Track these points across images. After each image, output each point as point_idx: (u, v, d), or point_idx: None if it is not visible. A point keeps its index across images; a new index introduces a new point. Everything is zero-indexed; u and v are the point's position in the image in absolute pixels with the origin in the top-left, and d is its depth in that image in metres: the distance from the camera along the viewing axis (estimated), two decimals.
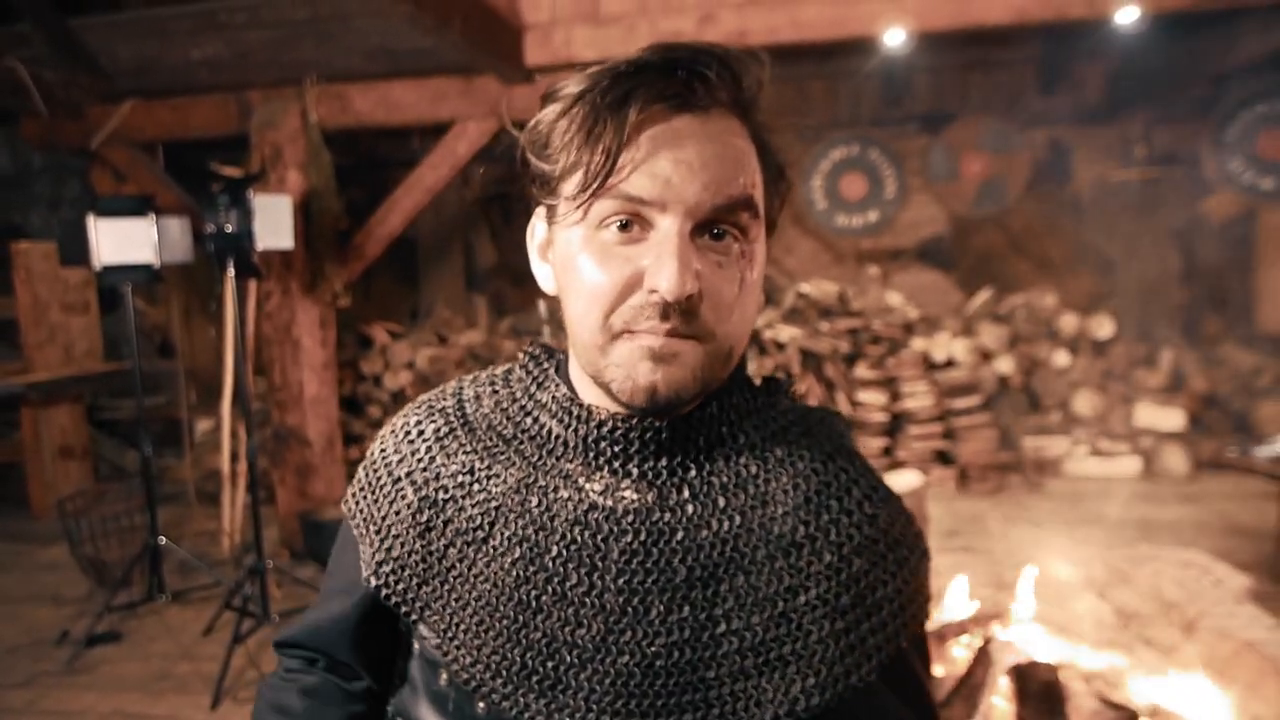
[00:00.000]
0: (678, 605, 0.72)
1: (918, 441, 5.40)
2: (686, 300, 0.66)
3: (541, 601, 0.74)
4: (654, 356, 0.68)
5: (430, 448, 0.82)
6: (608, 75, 0.68)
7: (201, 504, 5.15)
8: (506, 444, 0.80)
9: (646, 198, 0.67)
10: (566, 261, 0.72)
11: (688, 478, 0.75)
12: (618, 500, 0.74)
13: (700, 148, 0.67)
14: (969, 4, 3.69)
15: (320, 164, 4.37)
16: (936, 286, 6.57)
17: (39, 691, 3.18)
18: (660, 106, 0.67)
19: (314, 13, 3.97)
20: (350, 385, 5.53)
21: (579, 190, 0.68)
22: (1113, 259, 6.47)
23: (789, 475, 0.76)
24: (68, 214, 6.62)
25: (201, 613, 3.75)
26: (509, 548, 0.75)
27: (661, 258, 0.67)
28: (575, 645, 0.73)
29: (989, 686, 2.31)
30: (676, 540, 0.73)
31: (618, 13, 3.99)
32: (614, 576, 0.72)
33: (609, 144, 0.66)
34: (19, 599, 4.07)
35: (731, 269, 0.70)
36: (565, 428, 0.77)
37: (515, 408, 0.82)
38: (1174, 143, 6.21)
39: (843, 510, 0.75)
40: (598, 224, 0.69)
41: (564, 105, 0.70)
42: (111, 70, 4.47)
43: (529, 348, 0.85)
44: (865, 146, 6.58)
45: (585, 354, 0.72)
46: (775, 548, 0.73)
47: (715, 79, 0.68)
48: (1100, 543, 3.99)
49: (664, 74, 0.67)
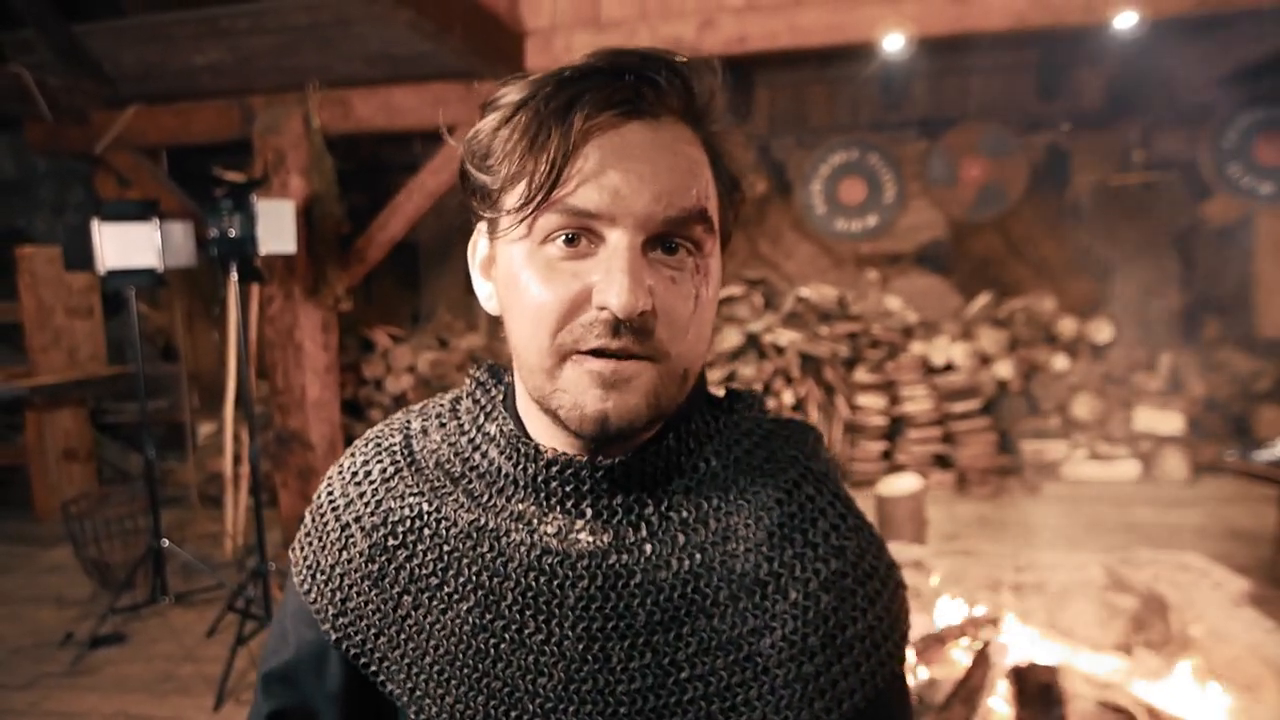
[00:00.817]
0: (639, 651, 0.68)
1: (917, 445, 5.41)
2: (639, 317, 0.62)
3: (500, 650, 0.71)
4: (603, 383, 0.63)
5: (377, 490, 0.77)
6: (552, 81, 0.64)
7: (204, 507, 5.17)
8: (454, 484, 0.76)
9: (595, 210, 0.62)
10: (509, 279, 0.67)
11: (645, 515, 0.70)
12: (571, 544, 0.70)
13: (651, 157, 0.63)
14: (967, 9, 3.71)
15: (322, 169, 4.39)
16: (935, 291, 6.59)
17: (42, 693, 3.19)
18: (608, 114, 0.63)
19: (316, 19, 3.99)
20: (352, 389, 5.55)
21: (522, 203, 0.63)
22: (1111, 263, 6.48)
23: (750, 508, 0.71)
24: (72, 219, 6.65)
25: (204, 615, 3.76)
26: (464, 594, 0.72)
27: (611, 273, 0.62)
28: (537, 694, 0.70)
29: (988, 689, 2.33)
30: (634, 583, 0.69)
31: (618, 18, 4.02)
32: (572, 624, 0.69)
33: (554, 153, 0.62)
34: (23, 601, 4.09)
35: (686, 284, 0.65)
36: (514, 465, 0.72)
37: (464, 441, 0.77)
38: (1172, 147, 6.23)
39: (808, 544, 0.70)
40: (542, 239, 0.64)
41: (505, 113, 0.65)
42: (115, 76, 4.50)
43: (475, 372, 0.80)
44: (864, 151, 6.60)
45: (531, 378, 0.67)
46: (738, 587, 0.68)
47: (665, 85, 0.64)
48: (1099, 546, 4.00)
49: (611, 79, 0.63)
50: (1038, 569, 3.17)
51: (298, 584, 0.81)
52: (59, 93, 4.41)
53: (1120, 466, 5.43)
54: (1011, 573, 3.12)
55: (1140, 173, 6.40)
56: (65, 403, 5.28)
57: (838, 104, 6.69)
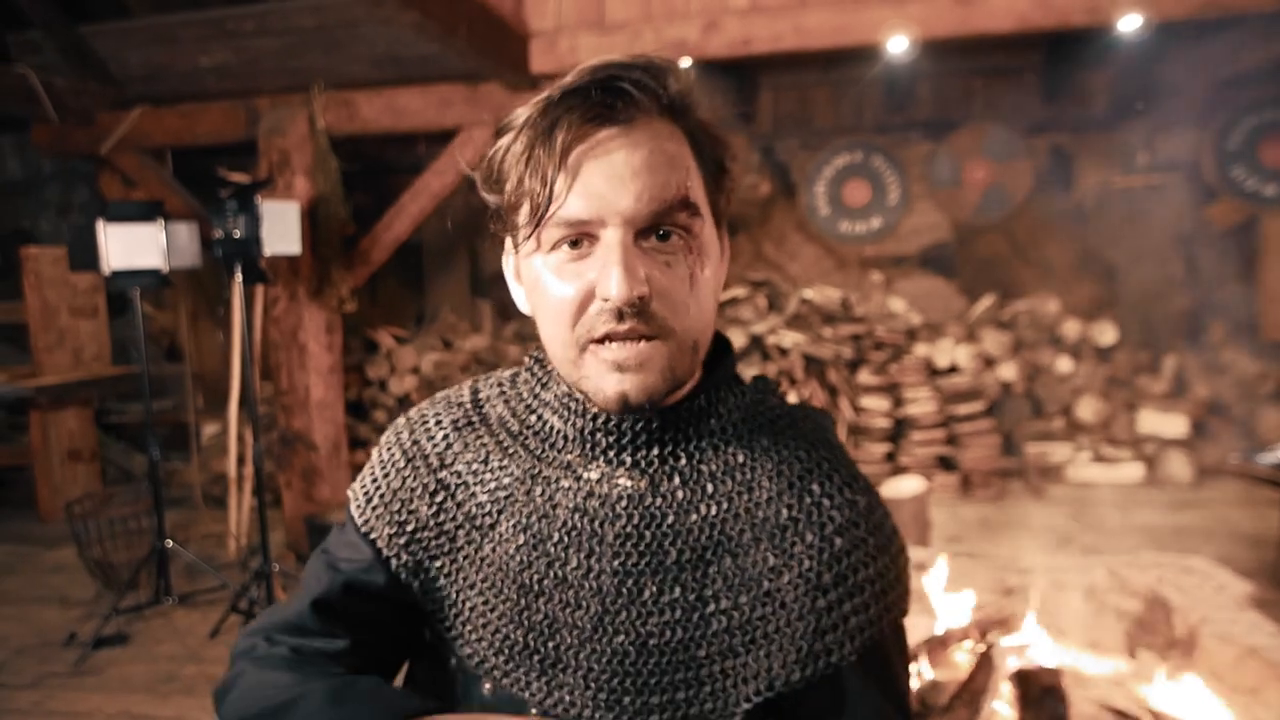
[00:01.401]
0: (669, 586, 0.75)
1: (920, 447, 5.41)
2: (638, 301, 0.70)
3: (543, 585, 0.78)
4: (619, 367, 0.73)
5: (448, 435, 0.86)
6: (540, 107, 0.73)
7: (208, 507, 5.18)
8: (514, 439, 0.85)
9: (585, 217, 0.71)
10: (532, 284, 0.77)
11: (678, 466, 0.79)
12: (613, 487, 0.78)
13: (628, 157, 0.71)
14: (972, 12, 3.71)
15: (327, 170, 4.40)
16: (939, 293, 6.58)
17: (46, 692, 3.20)
18: (586, 126, 0.71)
19: (321, 21, 4.01)
20: (356, 389, 5.56)
21: (526, 222, 0.73)
22: (1115, 266, 6.47)
23: (773, 462, 0.79)
24: (77, 219, 6.66)
25: (208, 615, 3.77)
26: (514, 534, 0.80)
27: (606, 267, 0.71)
28: (574, 626, 0.77)
29: (991, 692, 2.33)
30: (667, 524, 0.76)
31: (622, 20, 4.02)
32: (609, 559, 0.76)
33: (545, 172, 0.71)
34: (27, 601, 4.10)
35: (680, 266, 0.73)
36: (565, 422, 0.81)
37: (522, 407, 0.86)
38: (1176, 150, 6.22)
39: (824, 494, 0.77)
40: (550, 248, 0.73)
41: (508, 140, 0.75)
42: (121, 77, 4.51)
43: (534, 353, 0.89)
44: (868, 153, 6.60)
45: (562, 368, 0.77)
46: (760, 530, 0.76)
47: (634, 91, 0.71)
48: (1103, 549, 4.00)
49: (585, 96, 0.71)
50: (1041, 571, 3.17)
51: (355, 513, 0.87)
52: (65, 94, 4.43)
53: (1124, 469, 5.42)
54: (1015, 575, 3.11)
55: (1144, 175, 6.39)
56: (70, 403, 5.30)
57: (842, 106, 6.69)
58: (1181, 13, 3.62)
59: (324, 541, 0.92)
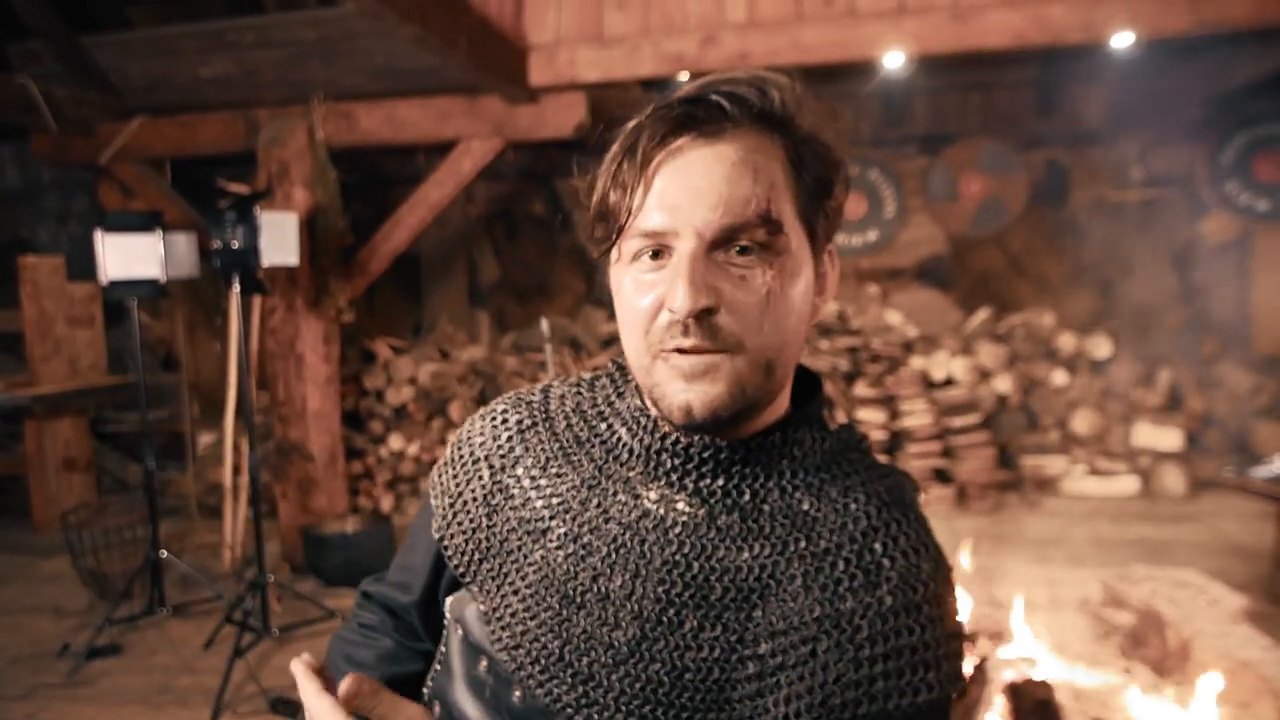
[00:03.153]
0: (710, 623, 0.73)
1: (916, 460, 5.42)
2: (703, 313, 0.70)
3: (585, 598, 0.77)
4: (685, 376, 0.72)
5: (511, 437, 0.87)
6: (633, 123, 0.75)
7: (203, 517, 5.17)
8: (579, 446, 0.84)
9: (660, 229, 0.71)
10: (616, 294, 0.78)
11: (740, 501, 0.76)
12: (669, 511, 0.77)
13: (708, 170, 0.71)
14: (968, 28, 3.74)
15: (326, 181, 4.42)
16: (935, 305, 6.60)
17: (39, 703, 3.19)
18: (669, 139, 0.71)
19: (321, 33, 4.03)
20: (353, 400, 5.56)
21: (608, 234, 0.75)
22: (1110, 279, 6.50)
23: (839, 515, 0.76)
24: (76, 229, 6.67)
25: (202, 626, 3.76)
26: (563, 543, 0.79)
27: (674, 279, 0.70)
28: (611, 646, 0.75)
29: (985, 705, 2.33)
30: (717, 558, 0.74)
31: (621, 34, 4.05)
32: (654, 584, 0.75)
33: (626, 183, 0.72)
34: (20, 611, 4.08)
35: (755, 281, 0.72)
36: (633, 436, 0.81)
37: (594, 412, 0.86)
38: (1171, 165, 6.26)
39: (886, 555, 0.74)
40: (631, 259, 0.74)
41: (608, 155, 0.76)
42: (122, 87, 4.53)
43: (618, 358, 0.88)
44: (865, 167, 6.63)
45: (639, 375, 0.77)
46: (812, 580, 0.73)
47: (724, 101, 0.72)
48: (1097, 562, 4.00)
49: (668, 109, 0.72)
50: (1036, 584, 3.18)
51: (434, 505, 0.90)
52: (65, 104, 4.45)
53: (1119, 482, 5.44)
54: (1009, 588, 3.12)
55: (1139, 189, 6.43)
56: (65, 412, 5.29)
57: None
58: (1174, 29, 3.66)
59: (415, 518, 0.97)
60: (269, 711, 3.05)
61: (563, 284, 7.24)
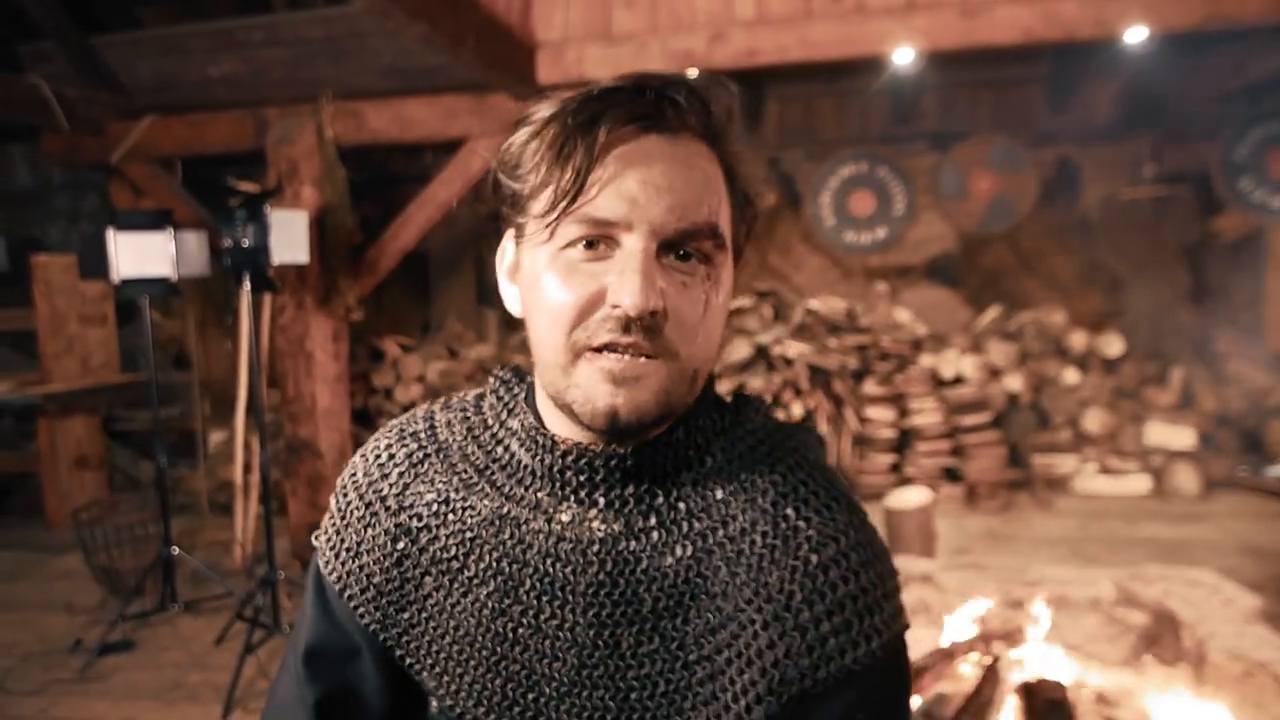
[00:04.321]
0: (647, 637, 0.71)
1: (926, 458, 5.40)
2: (650, 316, 0.66)
3: (518, 634, 0.74)
4: (614, 379, 0.67)
5: (404, 474, 0.81)
6: (579, 99, 0.70)
7: (214, 515, 5.19)
8: (479, 474, 0.79)
9: (612, 218, 0.67)
10: (532, 280, 0.72)
11: (654, 504, 0.74)
12: (583, 530, 0.73)
13: (668, 168, 0.68)
14: (978, 24, 3.72)
15: (335, 179, 4.43)
16: (945, 303, 6.58)
17: (52, 699, 3.21)
18: (630, 127, 0.68)
19: (330, 31, 4.04)
20: (362, 398, 5.57)
21: (547, 209, 0.68)
22: (1122, 277, 6.47)
23: (748, 493, 0.74)
24: (87, 228, 6.71)
25: (213, 623, 3.78)
26: (484, 579, 0.75)
27: (625, 273, 0.66)
28: (553, 678, 0.73)
29: (997, 705, 2.32)
30: (641, 570, 0.72)
31: (629, 31, 4.04)
32: (583, 610, 0.72)
33: (578, 163, 0.67)
34: (33, 607, 4.11)
35: (696, 289, 0.69)
36: (533, 458, 0.76)
37: (487, 435, 0.81)
38: (1183, 161, 6.22)
39: (800, 517, 0.72)
40: (565, 243, 0.69)
41: (536, 127, 0.71)
42: (132, 87, 4.55)
43: (500, 372, 0.84)
44: (874, 164, 6.61)
45: (547, 374, 0.71)
46: (737, 565, 0.71)
47: (684, 103, 0.69)
48: (1109, 562, 3.98)
49: (634, 96, 0.68)
50: (1047, 584, 3.16)
51: (323, 566, 0.84)
52: (76, 103, 4.47)
53: (1131, 481, 5.40)
54: (1021, 588, 3.10)
55: (1151, 186, 6.39)
56: (78, 410, 5.32)
57: (847, 117, 6.71)
58: (1187, 24, 3.63)
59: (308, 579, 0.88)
60: None
61: None
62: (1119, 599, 3.08)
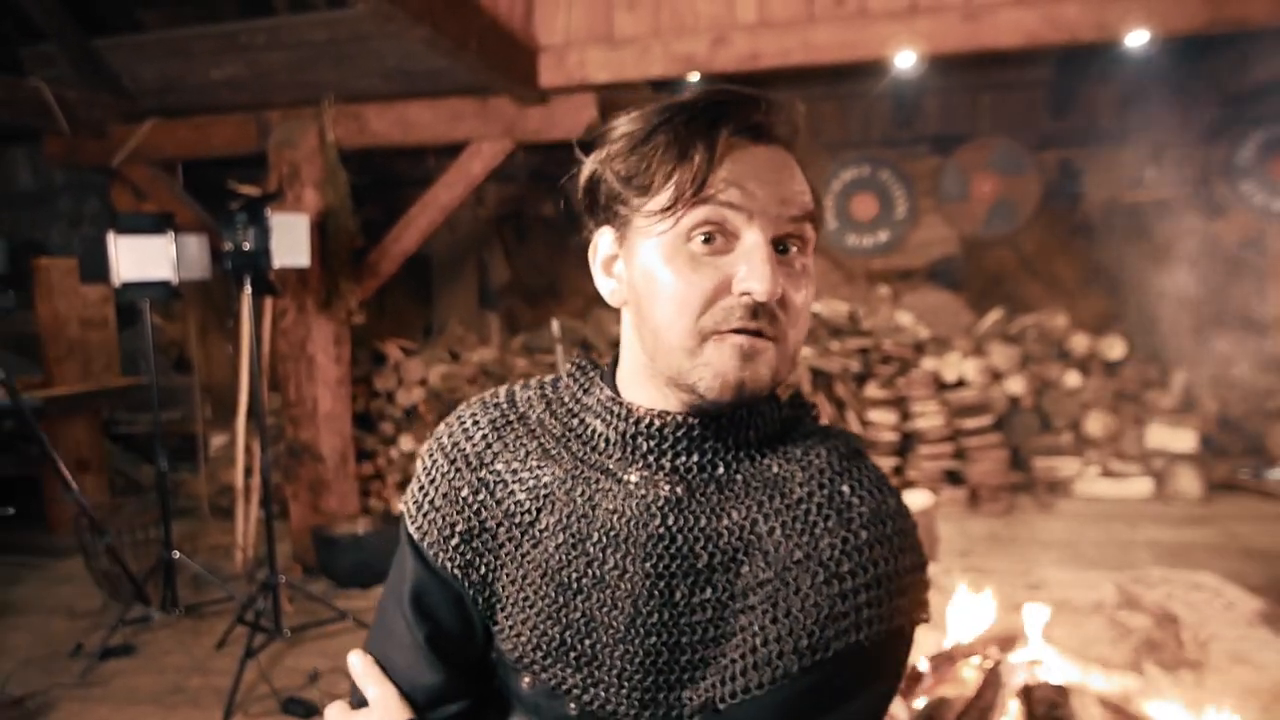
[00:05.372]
0: (700, 588, 0.78)
1: (928, 461, 5.39)
2: (775, 303, 0.74)
3: (581, 584, 0.81)
4: (743, 355, 0.75)
5: (486, 435, 0.89)
6: (689, 105, 0.76)
7: (215, 518, 5.19)
8: (556, 441, 0.87)
9: (736, 203, 0.74)
10: (649, 271, 0.78)
11: (715, 474, 0.81)
12: (651, 491, 0.80)
13: (775, 169, 0.77)
14: (980, 27, 3.72)
15: (337, 183, 4.43)
16: (947, 307, 6.57)
17: (53, 703, 3.20)
18: (741, 135, 0.76)
19: (332, 34, 4.04)
20: (364, 401, 5.57)
21: (672, 202, 0.74)
22: (1124, 280, 6.46)
23: (804, 470, 0.81)
24: (88, 231, 6.71)
25: (214, 627, 3.77)
26: (554, 533, 0.82)
27: (754, 264, 0.74)
28: (609, 625, 0.79)
29: (999, 708, 2.31)
30: (699, 528, 0.78)
31: (631, 35, 4.05)
32: (642, 560, 0.78)
33: (702, 160, 0.74)
34: (34, 611, 4.11)
35: (799, 279, 0.78)
36: (607, 425, 0.83)
37: (563, 410, 0.88)
38: (1186, 164, 6.22)
39: (854, 494, 0.79)
40: (686, 235, 0.75)
41: (644, 128, 0.77)
42: (134, 90, 4.55)
43: (575, 359, 0.92)
44: (876, 167, 6.61)
45: (669, 357, 0.77)
46: (790, 529, 0.77)
47: (780, 116, 0.78)
48: (1111, 565, 3.97)
49: (745, 107, 0.76)
50: (1049, 587, 3.15)
51: (409, 522, 0.90)
52: (77, 106, 4.47)
53: (1133, 484, 5.40)
54: (1023, 590, 3.10)
55: (1153, 189, 6.38)
56: (79, 413, 5.32)
57: (849, 120, 6.71)
58: (1189, 27, 3.62)
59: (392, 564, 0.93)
60: (281, 712, 3.06)
61: (573, 285, 7.24)
62: (1121, 602, 3.07)
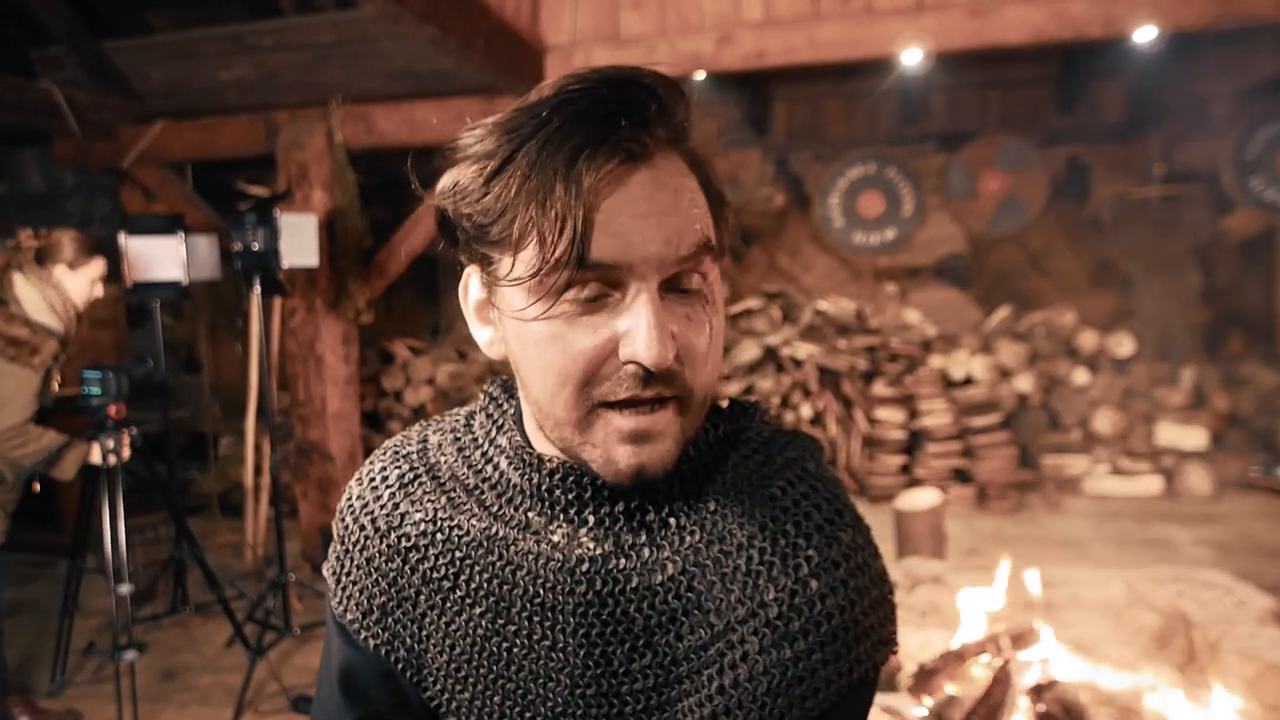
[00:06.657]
0: (639, 653, 0.70)
1: (936, 459, 5.38)
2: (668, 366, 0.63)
3: (512, 654, 0.74)
4: (635, 438, 0.65)
5: (394, 494, 0.80)
6: (541, 128, 0.62)
7: (225, 517, 5.21)
8: (469, 494, 0.78)
9: (610, 262, 0.61)
10: (522, 333, 0.66)
11: (645, 520, 0.71)
12: (573, 549, 0.71)
13: (656, 201, 0.62)
14: (986, 23, 3.71)
15: (344, 183, 4.44)
16: (954, 304, 6.56)
17: (65, 701, 3.23)
18: (610, 160, 0.61)
19: (340, 36, 4.05)
20: (372, 400, 5.59)
21: (536, 269, 0.61)
22: (1132, 277, 6.44)
23: (745, 506, 0.71)
24: (98, 232, 6.74)
25: (224, 625, 3.78)
26: (476, 599, 0.75)
27: (638, 326, 0.62)
28: (548, 698, 0.73)
29: (1008, 707, 2.31)
30: (630, 587, 0.70)
31: (637, 34, 4.05)
32: (573, 630, 0.71)
33: (565, 210, 0.60)
34: (46, 610, 4.13)
35: (699, 319, 0.65)
36: (520, 476, 0.74)
37: (477, 454, 0.79)
38: (1193, 160, 6.19)
39: (800, 534, 0.69)
40: (558, 293, 0.62)
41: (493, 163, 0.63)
42: (143, 91, 4.58)
43: (489, 388, 0.82)
44: (883, 165, 6.60)
45: (556, 431, 0.68)
46: (731, 580, 0.69)
47: (654, 121, 0.63)
48: (1121, 563, 3.96)
49: (606, 124, 0.61)
50: (1059, 585, 3.15)
51: (330, 595, 0.84)
52: (87, 108, 4.50)
53: (1142, 482, 5.38)
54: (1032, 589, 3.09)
55: (1161, 186, 6.36)
56: None
57: (856, 118, 6.70)
58: (1197, 23, 3.61)
59: None
60: (290, 709, 3.08)
61: None
62: (1131, 600, 3.06)
